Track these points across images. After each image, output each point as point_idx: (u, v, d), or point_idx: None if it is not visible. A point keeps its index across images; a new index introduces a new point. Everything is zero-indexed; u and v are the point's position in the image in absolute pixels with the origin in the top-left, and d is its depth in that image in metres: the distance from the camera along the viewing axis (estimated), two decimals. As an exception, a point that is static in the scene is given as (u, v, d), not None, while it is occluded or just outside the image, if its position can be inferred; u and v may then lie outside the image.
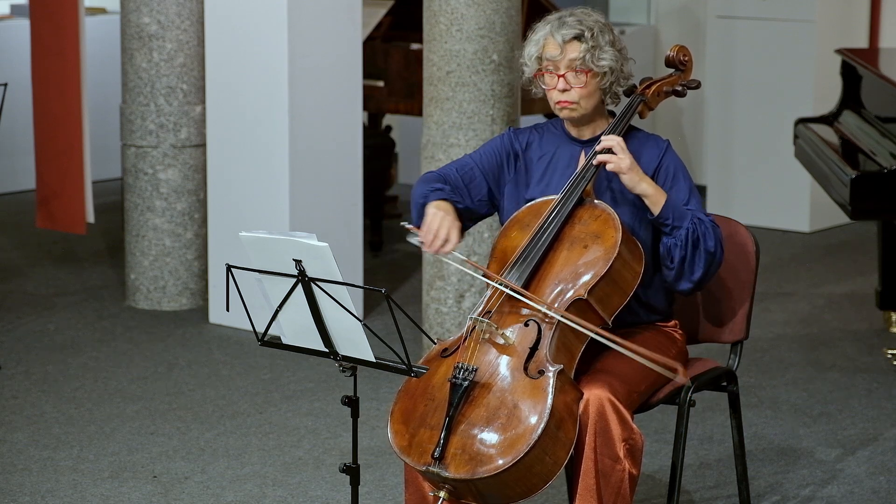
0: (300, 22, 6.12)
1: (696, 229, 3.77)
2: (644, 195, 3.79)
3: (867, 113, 6.09)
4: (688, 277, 3.80)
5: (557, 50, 3.81)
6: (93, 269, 7.43)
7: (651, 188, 3.78)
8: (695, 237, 3.76)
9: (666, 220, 3.77)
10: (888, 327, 6.34)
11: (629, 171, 3.77)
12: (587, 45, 3.81)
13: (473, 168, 3.96)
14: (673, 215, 3.77)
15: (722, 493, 4.72)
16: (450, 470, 3.54)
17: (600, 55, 3.81)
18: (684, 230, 3.76)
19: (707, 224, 3.79)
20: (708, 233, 3.78)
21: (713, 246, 3.78)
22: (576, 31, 3.81)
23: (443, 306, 5.82)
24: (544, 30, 3.85)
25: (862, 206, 5.36)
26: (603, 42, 3.82)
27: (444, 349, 3.76)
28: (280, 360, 5.96)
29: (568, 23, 3.83)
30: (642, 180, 3.78)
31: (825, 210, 7.92)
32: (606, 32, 3.84)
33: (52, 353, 6.09)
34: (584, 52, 3.80)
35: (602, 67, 3.82)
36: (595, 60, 3.81)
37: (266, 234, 3.51)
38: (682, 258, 3.77)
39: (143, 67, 6.59)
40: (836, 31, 8.21)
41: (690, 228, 3.76)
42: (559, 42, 3.81)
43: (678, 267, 3.78)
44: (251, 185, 6.28)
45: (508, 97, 5.73)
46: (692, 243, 3.76)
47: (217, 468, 4.90)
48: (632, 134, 3.90)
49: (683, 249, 3.76)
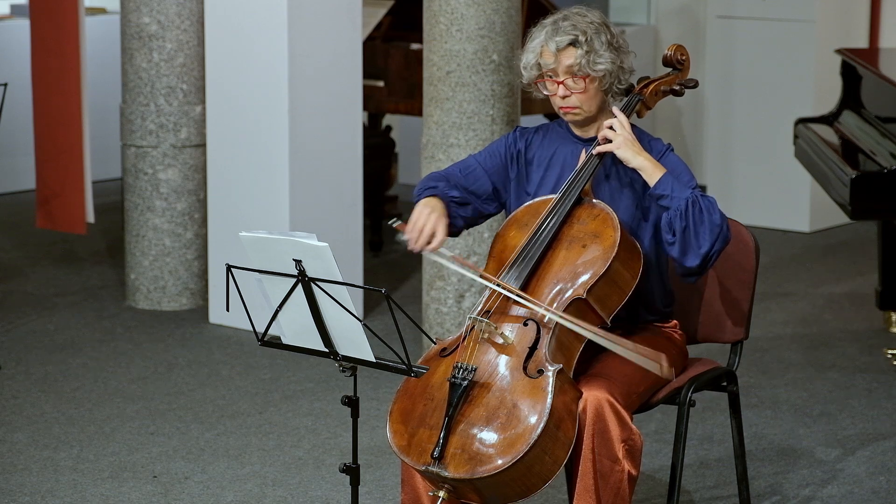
0: (300, 22, 6.12)
1: (697, 200, 3.68)
2: (640, 168, 3.74)
3: (867, 113, 6.09)
4: (694, 251, 3.68)
5: (553, 58, 3.80)
6: (93, 269, 7.43)
7: (648, 162, 3.74)
8: (697, 208, 3.67)
9: (664, 192, 3.71)
10: (888, 327, 6.34)
11: (623, 146, 3.74)
12: (582, 51, 3.79)
13: (476, 167, 3.96)
14: (672, 186, 3.70)
15: (722, 493, 4.72)
16: (449, 469, 3.54)
17: (596, 60, 3.80)
18: (683, 200, 3.68)
19: (711, 199, 3.71)
20: (713, 206, 3.69)
21: (718, 218, 3.68)
22: (570, 37, 3.79)
23: (443, 306, 5.82)
24: (540, 37, 3.83)
25: (862, 206, 5.36)
26: (598, 45, 3.80)
27: (443, 349, 3.76)
28: (280, 360, 5.96)
29: (562, 28, 3.80)
30: (639, 154, 3.75)
31: (825, 210, 7.93)
32: (603, 33, 3.82)
33: (52, 353, 6.09)
34: (580, 58, 3.79)
35: (599, 72, 3.81)
36: (591, 66, 3.80)
37: (266, 234, 3.51)
38: (684, 228, 3.67)
39: (143, 67, 6.60)
40: (836, 31, 8.21)
41: (691, 198, 3.68)
42: (553, 50, 3.80)
43: (681, 239, 3.68)
44: (251, 185, 6.28)
45: (508, 97, 5.73)
46: (695, 214, 3.67)
47: (217, 468, 4.90)
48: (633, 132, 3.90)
49: (684, 220, 3.67)
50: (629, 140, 3.76)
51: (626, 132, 3.77)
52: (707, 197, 3.72)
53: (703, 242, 3.69)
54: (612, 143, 3.77)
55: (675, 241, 3.71)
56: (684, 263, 3.73)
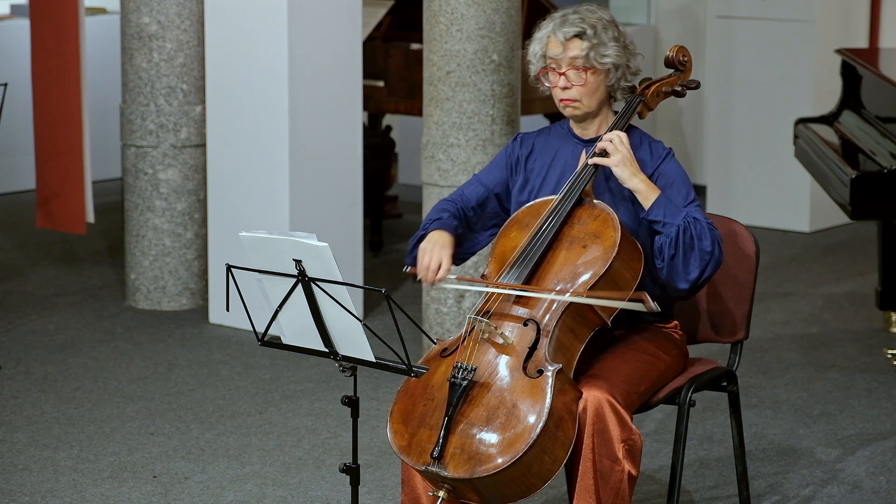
0: (300, 22, 6.12)
1: (688, 227, 3.71)
2: (636, 191, 3.77)
3: (867, 113, 6.09)
4: (683, 277, 3.73)
5: (559, 48, 3.82)
6: (93, 269, 7.43)
7: (644, 185, 3.76)
8: (687, 236, 3.71)
9: (656, 217, 3.74)
10: (888, 327, 6.34)
11: (620, 164, 3.75)
12: (589, 43, 3.81)
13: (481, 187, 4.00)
14: (665, 212, 3.73)
15: (722, 493, 4.72)
16: (449, 469, 3.54)
17: (603, 52, 3.81)
18: (674, 227, 3.71)
19: (703, 224, 3.73)
20: (703, 232, 3.72)
21: (709, 245, 3.72)
22: (577, 28, 3.82)
23: (443, 306, 5.82)
24: (548, 27, 3.87)
25: (862, 206, 5.35)
26: (606, 39, 3.82)
27: (443, 349, 3.76)
28: (280, 360, 5.96)
29: (570, 20, 3.83)
30: (634, 175, 3.77)
31: (825, 210, 7.92)
32: (610, 29, 3.84)
33: (52, 353, 6.09)
34: (587, 50, 3.81)
35: (605, 65, 3.82)
36: (598, 58, 3.81)
37: (266, 234, 3.51)
38: (673, 256, 3.71)
39: (143, 67, 6.59)
40: (836, 31, 8.21)
41: (682, 226, 3.71)
42: (561, 40, 3.82)
43: (668, 265, 3.72)
44: (251, 185, 6.28)
45: (508, 97, 5.73)
46: (685, 242, 3.70)
47: (217, 468, 4.90)
48: (633, 135, 3.90)
49: (673, 248, 3.71)
50: (628, 159, 3.77)
51: (625, 149, 3.77)
52: (699, 221, 3.73)
53: (691, 270, 3.73)
54: (610, 158, 3.77)
55: (663, 267, 3.75)
56: (674, 287, 3.78)
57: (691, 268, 3.73)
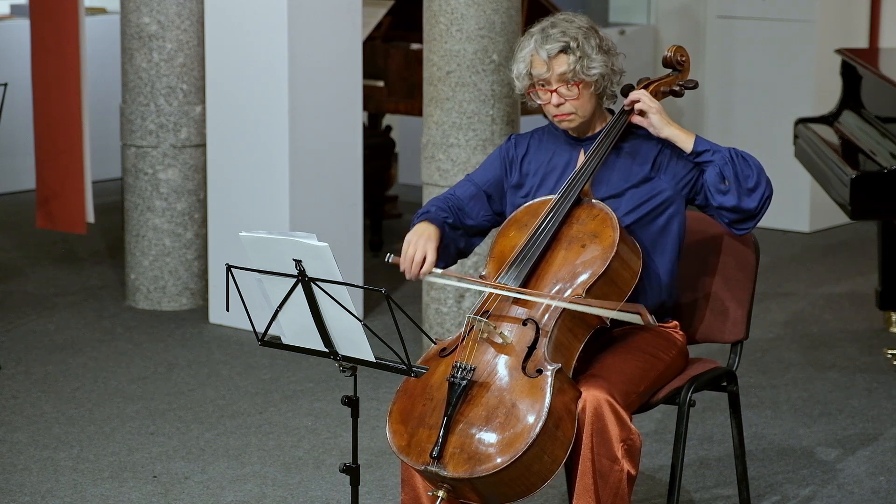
0: (300, 22, 6.12)
1: (736, 150, 3.81)
2: (673, 138, 3.81)
3: (867, 113, 6.09)
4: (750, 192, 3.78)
5: (544, 66, 3.81)
6: (93, 269, 7.43)
7: (679, 130, 3.83)
8: (740, 156, 3.80)
9: (704, 147, 3.80)
10: (888, 327, 6.34)
11: (658, 113, 3.80)
12: (575, 57, 3.79)
13: (472, 187, 3.99)
14: (709, 143, 3.82)
15: (722, 493, 4.72)
16: (448, 469, 3.54)
17: (589, 64, 3.80)
18: (725, 150, 3.80)
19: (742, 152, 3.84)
20: (749, 154, 3.81)
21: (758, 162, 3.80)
22: (560, 44, 3.80)
23: (443, 306, 5.82)
24: (529, 46, 3.83)
25: (862, 206, 5.36)
26: (590, 49, 3.81)
27: (442, 349, 3.76)
28: (280, 360, 5.96)
29: (552, 36, 3.81)
30: (670, 124, 3.82)
31: (825, 210, 7.92)
32: (592, 37, 3.83)
33: (52, 353, 6.09)
34: (574, 64, 3.79)
35: (593, 76, 3.82)
36: (585, 71, 3.80)
37: (266, 234, 3.51)
38: (736, 174, 3.77)
39: (143, 67, 6.60)
40: (836, 31, 8.21)
41: (730, 149, 3.80)
42: (544, 58, 3.80)
43: (735, 184, 3.77)
44: (251, 185, 6.28)
45: (508, 97, 5.73)
46: (740, 160, 3.78)
47: (217, 468, 4.91)
48: (632, 132, 3.90)
49: (733, 165, 3.77)
50: (661, 110, 3.83)
51: (656, 103, 3.83)
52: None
53: (756, 183, 3.78)
54: (646, 115, 3.80)
55: (729, 189, 3.79)
56: (741, 206, 3.80)
57: (755, 182, 3.78)
